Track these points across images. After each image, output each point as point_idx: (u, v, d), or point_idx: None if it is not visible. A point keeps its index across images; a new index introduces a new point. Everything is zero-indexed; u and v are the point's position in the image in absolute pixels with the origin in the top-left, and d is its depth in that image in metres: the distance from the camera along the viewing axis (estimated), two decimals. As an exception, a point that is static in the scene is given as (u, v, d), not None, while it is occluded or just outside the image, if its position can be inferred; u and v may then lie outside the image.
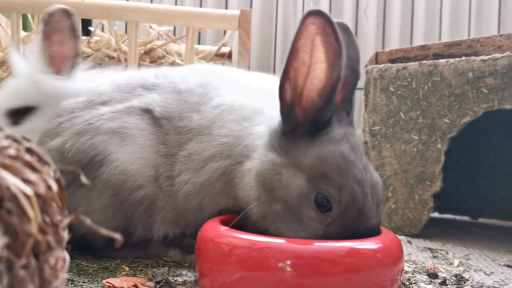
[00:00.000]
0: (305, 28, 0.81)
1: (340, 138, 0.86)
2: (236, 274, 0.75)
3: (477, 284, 0.99)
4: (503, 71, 1.37)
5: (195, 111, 1.04)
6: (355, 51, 0.96)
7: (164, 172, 1.02)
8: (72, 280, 0.88)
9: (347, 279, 0.73)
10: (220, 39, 2.74)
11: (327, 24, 0.80)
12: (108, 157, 1.00)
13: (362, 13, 2.95)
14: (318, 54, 0.82)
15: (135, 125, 1.03)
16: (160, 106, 1.06)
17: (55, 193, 0.44)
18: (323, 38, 0.81)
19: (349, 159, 0.83)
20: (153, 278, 0.90)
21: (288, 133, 0.88)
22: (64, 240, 0.45)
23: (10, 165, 0.40)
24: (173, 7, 1.59)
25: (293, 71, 0.85)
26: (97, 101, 1.09)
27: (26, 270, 0.39)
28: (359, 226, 0.81)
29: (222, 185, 0.97)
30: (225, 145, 0.97)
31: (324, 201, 0.81)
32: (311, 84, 0.85)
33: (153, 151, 1.02)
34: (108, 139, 1.01)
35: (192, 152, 1.00)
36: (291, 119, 0.88)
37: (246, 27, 1.55)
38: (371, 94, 1.63)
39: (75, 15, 1.16)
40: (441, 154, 1.48)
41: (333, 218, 0.81)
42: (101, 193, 1.00)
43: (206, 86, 1.08)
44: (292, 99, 0.87)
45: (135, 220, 1.02)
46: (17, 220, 0.38)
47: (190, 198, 1.00)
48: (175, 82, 1.10)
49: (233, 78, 1.14)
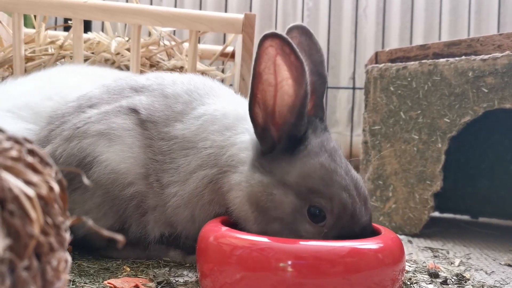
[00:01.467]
0: (264, 52, 0.83)
1: (318, 149, 0.88)
2: (237, 274, 0.75)
3: (478, 284, 0.99)
4: (503, 70, 1.37)
5: (178, 120, 1.05)
6: (318, 54, 0.97)
7: (153, 173, 1.02)
8: (74, 281, 0.89)
9: (348, 279, 0.73)
10: (220, 39, 2.74)
11: (285, 44, 0.82)
12: (97, 158, 1.01)
13: (362, 12, 2.95)
14: (282, 72, 0.84)
15: (123, 125, 1.03)
16: (146, 109, 1.06)
17: (57, 194, 0.44)
18: (284, 58, 0.83)
19: (330, 169, 0.85)
20: (154, 279, 0.90)
21: (267, 152, 0.90)
22: (66, 242, 0.45)
23: (12, 167, 0.40)
24: (176, 10, 1.57)
25: (260, 94, 0.86)
26: (86, 104, 1.10)
27: (29, 272, 0.39)
28: (353, 228, 0.84)
29: (211, 193, 0.98)
30: (210, 155, 0.98)
31: (317, 212, 0.84)
32: (281, 100, 0.86)
33: (141, 151, 1.03)
34: (95, 141, 1.01)
35: (179, 165, 1.01)
36: (267, 140, 0.89)
37: (250, 31, 1.55)
38: (371, 94, 1.63)
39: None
40: (441, 154, 1.48)
41: (329, 227, 0.84)
42: (93, 192, 1.01)
43: (193, 93, 1.08)
44: (264, 120, 0.88)
45: (128, 216, 1.03)
46: (19, 221, 0.38)
47: (180, 211, 1.01)
48: (163, 84, 1.11)
49: (221, 88, 1.15)
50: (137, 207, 1.03)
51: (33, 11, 1.50)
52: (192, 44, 1.55)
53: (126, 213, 1.03)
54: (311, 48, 0.97)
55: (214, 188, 0.97)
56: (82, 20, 1.49)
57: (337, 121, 2.95)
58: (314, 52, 0.97)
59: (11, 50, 1.58)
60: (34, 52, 1.64)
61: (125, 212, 1.02)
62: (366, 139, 1.64)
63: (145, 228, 1.05)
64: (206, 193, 0.98)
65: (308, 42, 0.97)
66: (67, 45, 1.64)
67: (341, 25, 2.95)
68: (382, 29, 2.91)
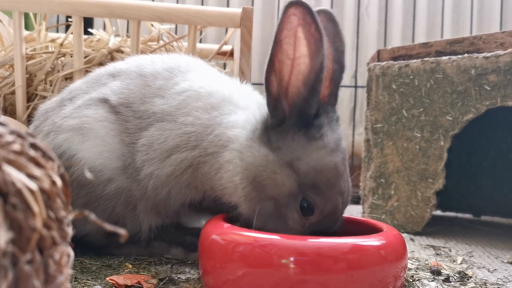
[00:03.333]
0: (287, 20, 0.82)
1: (335, 147, 0.87)
2: (239, 271, 0.75)
3: (481, 281, 0.99)
4: (505, 68, 1.36)
5: (158, 96, 1.02)
6: (341, 43, 0.95)
7: (131, 162, 1.00)
8: (76, 277, 0.89)
9: (350, 276, 0.73)
10: (222, 39, 2.74)
11: (308, 13, 0.81)
12: (74, 157, 0.99)
13: (364, 11, 2.94)
14: (301, 47, 0.83)
15: (94, 116, 1.02)
16: (117, 94, 1.04)
17: (59, 188, 0.44)
18: (305, 29, 0.82)
19: (339, 172, 0.86)
20: (157, 276, 0.90)
21: (276, 126, 0.87)
22: (69, 236, 0.45)
23: (14, 160, 0.40)
24: (175, 5, 1.58)
25: (278, 63, 0.85)
26: (67, 98, 1.10)
27: (31, 265, 0.39)
28: (331, 227, 0.88)
29: (189, 178, 0.96)
30: (191, 134, 0.95)
31: (307, 205, 0.84)
32: (296, 78, 0.85)
33: (116, 141, 1.01)
34: (70, 137, 1.00)
35: (153, 141, 0.98)
36: (278, 112, 0.87)
37: (248, 25, 1.55)
38: (373, 92, 1.62)
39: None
40: (444, 152, 1.48)
41: (311, 222, 0.85)
42: (77, 192, 0.99)
43: (173, 70, 1.06)
44: (278, 91, 0.86)
45: (120, 215, 1.01)
46: (22, 215, 0.38)
47: (159, 191, 0.99)
48: (142, 65, 1.09)
49: (205, 67, 1.12)
50: (126, 204, 1.01)
51: (33, 9, 1.49)
52: (191, 40, 1.55)
53: (116, 211, 1.00)
54: (335, 36, 0.94)
55: (193, 172, 0.95)
56: (82, 17, 1.49)
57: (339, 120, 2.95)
58: (337, 41, 0.95)
59: (12, 49, 1.59)
60: (35, 50, 1.64)
61: (114, 210, 1.00)
62: (368, 137, 1.64)
63: (138, 221, 1.03)
64: (185, 178, 0.96)
65: (333, 30, 0.94)
66: (67, 43, 1.64)
67: (343, 23, 2.95)
68: (384, 28, 2.91)
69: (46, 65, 1.59)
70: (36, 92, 1.60)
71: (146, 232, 1.05)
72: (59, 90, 1.56)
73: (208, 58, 1.83)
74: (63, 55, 1.64)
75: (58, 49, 1.60)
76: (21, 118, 1.53)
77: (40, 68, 1.60)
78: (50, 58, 1.60)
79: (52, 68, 1.62)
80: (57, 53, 1.60)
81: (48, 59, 1.60)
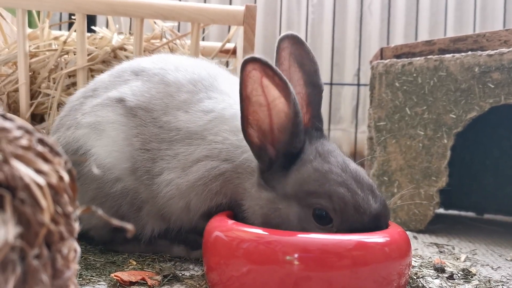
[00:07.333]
0: (248, 75, 0.82)
1: (312, 156, 0.87)
2: (243, 267, 0.75)
3: (485, 279, 0.99)
4: (509, 65, 1.36)
5: (182, 109, 1.02)
6: (311, 63, 0.95)
7: (142, 165, 1.01)
8: (81, 274, 0.89)
9: (354, 273, 0.73)
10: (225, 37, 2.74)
11: (266, 67, 0.81)
12: (89, 151, 1.02)
13: (367, 9, 2.93)
14: (272, 92, 0.83)
15: (106, 118, 1.04)
16: (137, 96, 1.05)
17: (66, 183, 0.44)
18: (269, 78, 0.82)
19: (323, 170, 0.84)
20: (161, 272, 0.91)
21: (266, 170, 0.89)
22: (76, 231, 0.45)
23: (22, 156, 0.40)
24: (178, 3, 1.58)
25: (251, 116, 0.85)
26: (90, 89, 1.12)
27: (39, 260, 0.39)
28: (362, 220, 0.81)
29: (221, 184, 0.95)
30: (222, 150, 0.96)
31: (323, 213, 0.82)
32: (278, 118, 0.85)
33: (125, 143, 1.02)
34: (87, 133, 1.04)
35: (179, 153, 0.99)
36: (264, 158, 0.88)
37: (251, 22, 1.55)
38: (377, 90, 1.62)
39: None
40: (447, 150, 1.47)
41: (337, 226, 0.82)
42: (87, 186, 1.02)
43: (197, 84, 1.06)
44: (260, 140, 0.87)
45: (125, 215, 1.02)
46: (30, 209, 0.38)
47: (174, 201, 0.99)
48: (165, 69, 1.09)
49: (226, 78, 1.12)
50: (131, 204, 1.02)
51: (37, 6, 1.50)
52: (194, 37, 1.55)
53: (121, 210, 1.02)
54: (304, 58, 0.95)
55: (225, 182, 0.95)
56: (85, 15, 1.49)
57: (342, 118, 2.94)
58: (307, 62, 0.95)
59: (15, 47, 1.59)
60: (38, 47, 1.65)
61: (120, 209, 1.02)
62: (371, 135, 1.64)
63: (142, 223, 1.04)
64: (216, 184, 0.95)
65: (300, 52, 0.95)
66: (70, 41, 1.64)
67: (346, 21, 2.94)
68: (387, 26, 2.90)
69: (50, 63, 1.60)
70: (40, 89, 1.61)
71: (148, 235, 1.06)
72: (62, 88, 1.57)
73: (211, 56, 1.83)
74: (66, 53, 1.64)
75: (61, 47, 1.60)
76: (25, 116, 1.54)
77: (44, 66, 1.61)
78: (54, 56, 1.60)
79: (56, 66, 1.62)
80: (60, 51, 1.60)
81: (51, 56, 1.61)
